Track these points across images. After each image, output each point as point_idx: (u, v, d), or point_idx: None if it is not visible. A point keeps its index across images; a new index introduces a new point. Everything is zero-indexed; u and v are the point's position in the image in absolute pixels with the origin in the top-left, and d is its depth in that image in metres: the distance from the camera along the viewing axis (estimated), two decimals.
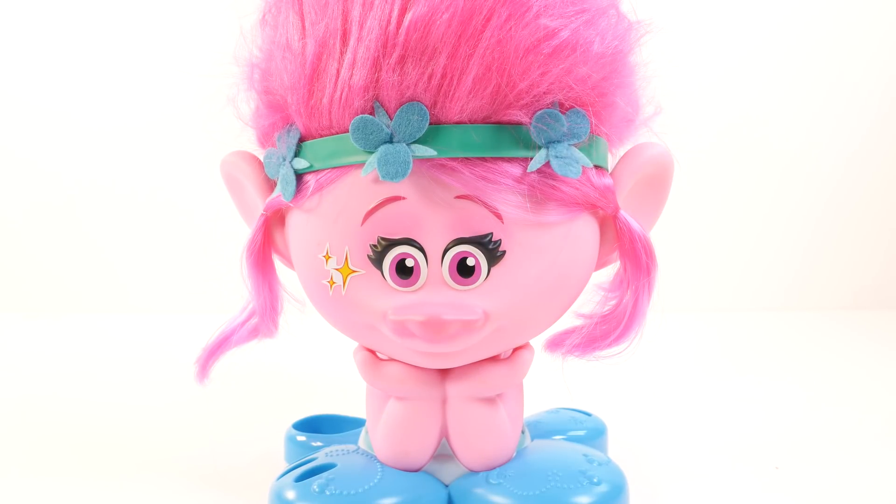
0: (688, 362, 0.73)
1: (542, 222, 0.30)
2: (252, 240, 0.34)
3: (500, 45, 0.28)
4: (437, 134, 0.28)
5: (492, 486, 0.33)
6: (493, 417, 0.34)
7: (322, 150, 0.30)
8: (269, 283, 0.36)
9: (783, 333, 0.90)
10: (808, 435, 0.49)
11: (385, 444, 0.35)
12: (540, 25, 0.28)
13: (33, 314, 0.99)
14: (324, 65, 0.29)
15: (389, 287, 0.31)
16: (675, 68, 0.42)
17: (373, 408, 0.36)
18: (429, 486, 0.34)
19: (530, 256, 0.30)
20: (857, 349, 0.80)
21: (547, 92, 0.29)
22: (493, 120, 0.29)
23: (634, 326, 0.34)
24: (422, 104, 0.28)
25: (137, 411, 0.56)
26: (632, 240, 0.33)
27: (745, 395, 0.60)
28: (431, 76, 0.28)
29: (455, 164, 0.29)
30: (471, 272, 0.30)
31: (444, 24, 0.27)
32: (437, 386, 0.34)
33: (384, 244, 0.30)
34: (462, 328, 0.29)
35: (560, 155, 0.29)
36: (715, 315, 0.98)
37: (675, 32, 0.43)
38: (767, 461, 0.44)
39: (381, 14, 0.28)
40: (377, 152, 0.28)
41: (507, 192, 0.29)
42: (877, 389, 0.63)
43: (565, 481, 0.33)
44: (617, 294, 0.35)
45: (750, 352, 0.79)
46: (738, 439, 0.48)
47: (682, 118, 0.39)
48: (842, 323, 0.95)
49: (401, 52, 0.28)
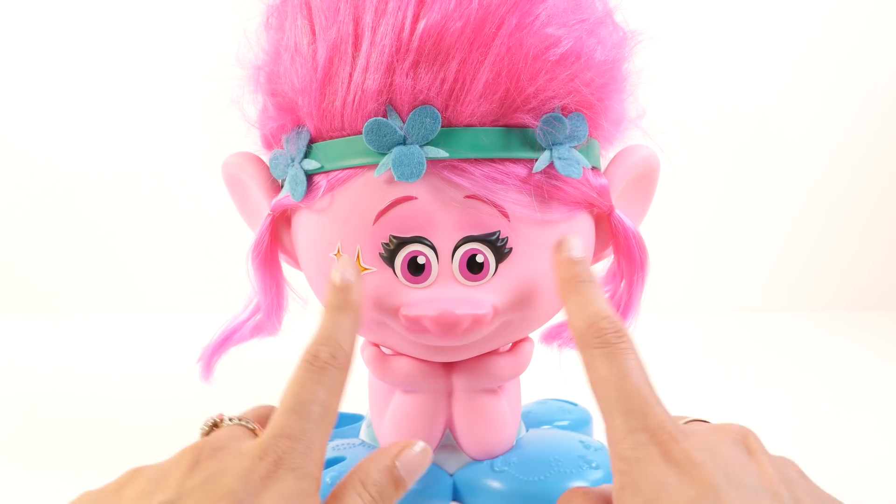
0: (679, 362, 0.73)
1: (546, 220, 0.31)
2: (258, 240, 0.35)
3: (509, 51, 0.29)
4: (449, 136, 0.30)
5: (497, 473, 0.35)
6: (497, 408, 0.36)
7: (334, 151, 0.31)
8: (277, 282, 0.36)
9: (777, 334, 0.90)
10: (802, 436, 0.50)
11: (392, 436, 0.36)
12: (547, 34, 0.30)
13: (33, 314, 0.96)
14: (336, 69, 0.30)
15: (401, 284, 0.32)
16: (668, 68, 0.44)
17: (377, 401, 0.37)
18: (435, 475, 0.35)
19: (535, 253, 0.32)
20: (853, 350, 0.81)
21: (553, 96, 0.30)
22: (501, 123, 0.30)
23: (628, 318, 0.36)
24: (434, 107, 0.29)
25: (138, 410, 0.56)
26: (626, 236, 0.35)
27: (739, 396, 0.61)
28: (444, 81, 0.29)
29: (465, 165, 0.30)
30: (480, 268, 0.32)
31: (458, 31, 0.29)
32: (443, 379, 0.35)
33: (396, 242, 0.31)
34: (473, 322, 0.30)
35: (563, 156, 0.31)
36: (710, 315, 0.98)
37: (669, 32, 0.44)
38: None
39: (394, 20, 0.29)
40: (391, 154, 0.29)
41: (513, 191, 0.30)
42: (873, 390, 0.64)
43: (566, 466, 0.35)
44: (610, 288, 0.38)
45: (743, 352, 0.79)
46: None
47: (675, 117, 0.41)
48: (837, 323, 0.95)
49: (414, 58, 0.29)
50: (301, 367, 0.27)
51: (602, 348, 0.26)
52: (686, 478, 0.23)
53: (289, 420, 0.25)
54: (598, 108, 0.32)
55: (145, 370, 0.69)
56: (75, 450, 0.46)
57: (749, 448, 0.25)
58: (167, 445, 0.46)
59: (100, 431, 0.50)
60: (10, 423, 0.53)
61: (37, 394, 0.60)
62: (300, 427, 0.25)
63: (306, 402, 0.26)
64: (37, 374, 0.68)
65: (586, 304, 0.28)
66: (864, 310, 1.03)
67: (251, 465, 0.24)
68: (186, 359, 0.42)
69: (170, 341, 0.82)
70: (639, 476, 0.23)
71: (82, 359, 0.74)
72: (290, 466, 0.24)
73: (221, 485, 0.23)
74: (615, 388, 0.25)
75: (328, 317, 0.28)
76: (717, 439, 0.25)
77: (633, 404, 0.25)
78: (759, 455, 0.25)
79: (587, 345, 0.27)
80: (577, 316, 0.28)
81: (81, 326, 0.90)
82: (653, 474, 0.23)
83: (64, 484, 0.41)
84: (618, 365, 0.26)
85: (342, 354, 0.27)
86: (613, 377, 0.26)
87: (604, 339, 0.26)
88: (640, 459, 0.24)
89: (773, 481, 0.24)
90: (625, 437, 0.24)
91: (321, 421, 0.25)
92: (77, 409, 0.55)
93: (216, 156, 0.37)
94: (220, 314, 0.39)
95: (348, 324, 0.28)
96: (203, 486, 0.23)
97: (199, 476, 0.24)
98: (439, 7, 0.29)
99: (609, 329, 0.27)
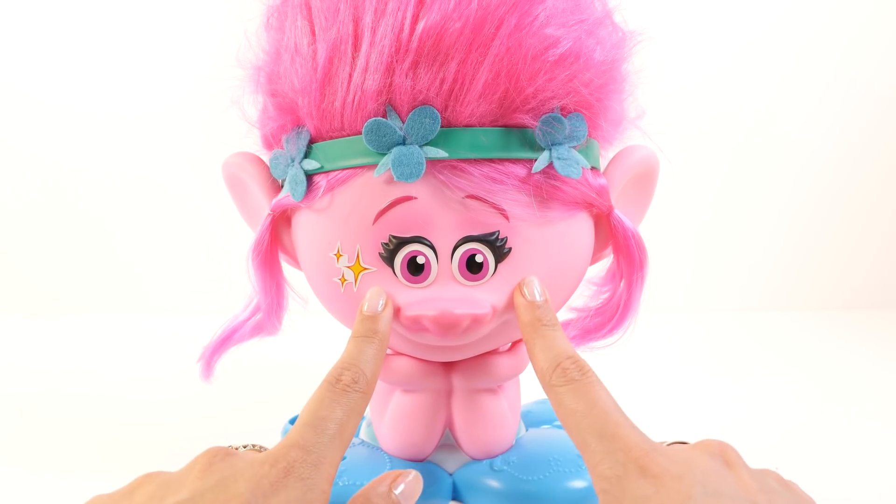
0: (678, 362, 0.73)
1: (544, 220, 0.32)
2: (259, 240, 0.35)
3: (509, 52, 0.29)
4: (448, 136, 0.30)
5: (496, 472, 0.35)
6: (496, 407, 0.36)
7: (333, 151, 0.31)
8: (277, 282, 0.36)
9: (777, 334, 0.90)
10: (802, 435, 0.50)
11: (392, 436, 0.36)
12: (546, 34, 0.30)
13: (33, 314, 0.96)
14: (335, 69, 0.30)
15: (400, 283, 0.32)
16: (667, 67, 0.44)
17: (377, 401, 0.37)
18: (435, 474, 0.35)
19: (534, 253, 0.32)
20: (852, 349, 0.81)
21: (552, 97, 0.30)
22: (500, 123, 0.30)
23: (628, 318, 0.36)
24: (433, 108, 0.29)
25: (138, 410, 0.56)
26: (625, 236, 0.35)
27: (738, 395, 0.61)
28: (443, 81, 0.29)
29: (464, 165, 0.30)
30: (479, 268, 0.32)
31: (457, 32, 0.29)
32: (443, 378, 0.35)
33: (396, 242, 0.31)
34: (472, 322, 0.31)
35: (562, 157, 0.31)
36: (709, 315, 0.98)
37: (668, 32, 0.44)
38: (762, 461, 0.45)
39: (393, 21, 0.29)
40: (391, 154, 0.30)
41: (512, 191, 0.31)
42: (872, 390, 0.63)
43: (565, 465, 0.35)
44: (609, 288, 0.38)
45: (742, 352, 0.79)
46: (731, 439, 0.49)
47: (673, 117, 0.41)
48: (836, 323, 0.95)
49: (414, 58, 0.29)
50: (322, 387, 0.28)
51: (567, 384, 0.27)
52: (664, 490, 0.23)
53: (303, 433, 0.26)
54: (597, 108, 0.32)
55: (146, 370, 0.69)
56: (76, 450, 0.46)
57: (727, 461, 0.26)
58: (168, 445, 0.47)
59: (100, 431, 0.50)
60: (11, 424, 0.53)
61: (37, 394, 0.60)
62: (314, 440, 0.26)
63: (323, 418, 0.26)
64: (37, 374, 0.68)
65: (549, 346, 0.29)
66: (864, 309, 1.03)
67: (262, 471, 0.24)
68: (187, 358, 0.42)
69: (170, 341, 0.82)
70: (620, 493, 0.24)
71: (82, 359, 0.74)
72: (300, 476, 0.25)
73: (232, 488, 0.24)
74: (585, 417, 0.26)
75: (354, 343, 0.30)
76: (694, 454, 0.26)
77: (605, 428, 0.26)
78: (738, 468, 0.25)
79: (553, 384, 0.28)
80: (541, 358, 0.29)
81: (82, 326, 0.91)
82: (632, 490, 0.24)
83: (64, 484, 0.41)
84: (585, 396, 0.27)
85: (364, 380, 0.28)
86: (582, 407, 0.26)
87: (568, 377, 0.28)
88: (620, 477, 0.24)
89: (752, 491, 0.24)
90: (602, 459, 0.25)
91: (335, 437, 0.26)
92: (77, 408, 0.55)
93: (216, 156, 0.37)
94: (221, 314, 0.39)
95: (373, 352, 0.29)
96: (214, 488, 0.24)
97: (211, 479, 0.24)
98: (439, 8, 0.29)
99: (573, 368, 0.28)
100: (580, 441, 0.26)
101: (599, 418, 0.26)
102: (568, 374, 0.28)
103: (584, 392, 0.27)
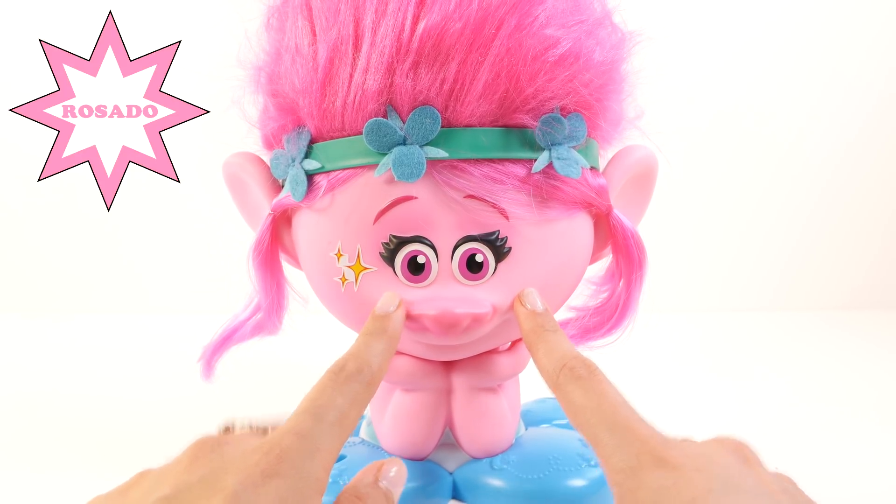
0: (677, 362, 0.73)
1: (544, 220, 0.32)
2: (259, 239, 0.35)
3: (509, 52, 0.29)
4: (448, 136, 0.30)
5: (496, 471, 0.35)
6: (496, 406, 0.36)
7: (334, 151, 0.31)
8: (277, 282, 0.36)
9: (776, 334, 0.90)
10: (802, 435, 0.50)
11: (392, 435, 0.36)
12: (546, 35, 0.30)
13: (33, 314, 0.96)
14: (336, 69, 0.30)
15: (401, 283, 0.32)
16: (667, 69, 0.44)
17: (377, 400, 0.37)
18: (435, 473, 0.36)
19: (534, 252, 0.32)
20: (851, 350, 0.80)
21: (552, 97, 0.30)
22: (500, 123, 0.30)
23: (627, 317, 0.36)
24: (434, 108, 0.29)
25: (138, 410, 0.56)
26: (624, 236, 0.35)
27: (737, 395, 0.61)
28: (444, 81, 0.29)
29: (464, 165, 0.30)
30: (479, 268, 0.32)
31: (457, 33, 0.29)
32: (443, 377, 0.35)
33: (396, 242, 0.31)
34: (473, 321, 0.31)
35: (561, 157, 0.31)
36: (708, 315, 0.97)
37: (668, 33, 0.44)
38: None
39: (394, 21, 0.29)
40: (391, 154, 0.30)
41: (512, 191, 0.31)
42: (871, 390, 0.63)
43: (565, 464, 0.35)
44: (608, 287, 0.38)
45: (742, 352, 0.79)
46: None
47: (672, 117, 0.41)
48: (835, 323, 0.95)
49: (414, 59, 0.29)
50: (324, 377, 0.27)
51: (575, 382, 0.27)
52: (683, 480, 0.22)
53: (300, 419, 0.25)
54: (596, 108, 0.32)
55: (146, 370, 0.69)
56: (76, 450, 0.46)
57: (745, 458, 0.25)
58: (168, 445, 0.47)
59: (101, 431, 0.50)
60: (11, 424, 0.53)
61: (37, 394, 0.60)
62: (311, 427, 0.24)
63: (323, 405, 0.25)
64: (37, 374, 0.68)
65: (553, 348, 0.29)
66: (863, 310, 1.03)
67: (253, 459, 0.23)
68: (187, 358, 0.42)
69: (170, 341, 0.82)
70: (635, 485, 0.23)
71: (82, 359, 0.74)
72: (293, 464, 0.23)
73: (220, 481, 0.23)
74: (595, 412, 0.26)
75: (362, 339, 0.29)
76: (711, 449, 0.25)
77: (616, 420, 0.25)
78: (756, 465, 0.25)
79: (560, 383, 0.28)
80: (546, 361, 0.29)
81: (81, 326, 0.91)
82: (649, 480, 0.23)
83: (64, 484, 0.41)
84: (593, 391, 0.26)
85: (368, 371, 0.27)
86: (591, 402, 0.26)
87: (576, 375, 0.27)
88: (634, 468, 0.23)
89: (773, 490, 0.23)
90: (614, 452, 0.24)
91: (335, 425, 0.25)
92: (77, 408, 0.55)
93: (217, 156, 0.37)
94: (221, 314, 0.39)
95: (381, 347, 0.29)
96: (200, 482, 0.23)
97: (199, 471, 0.23)
98: (439, 8, 0.29)
99: (579, 366, 0.28)
100: (591, 436, 0.25)
101: (609, 412, 0.25)
102: (575, 371, 0.27)
103: (592, 388, 0.26)
